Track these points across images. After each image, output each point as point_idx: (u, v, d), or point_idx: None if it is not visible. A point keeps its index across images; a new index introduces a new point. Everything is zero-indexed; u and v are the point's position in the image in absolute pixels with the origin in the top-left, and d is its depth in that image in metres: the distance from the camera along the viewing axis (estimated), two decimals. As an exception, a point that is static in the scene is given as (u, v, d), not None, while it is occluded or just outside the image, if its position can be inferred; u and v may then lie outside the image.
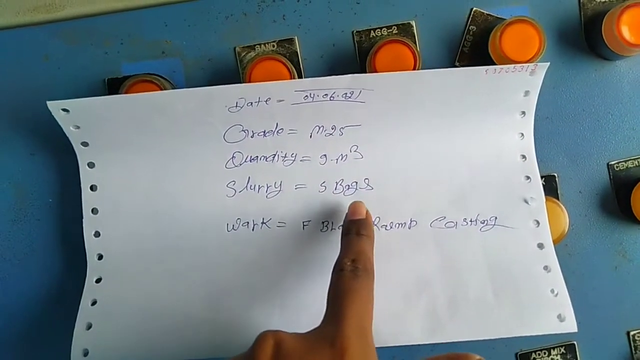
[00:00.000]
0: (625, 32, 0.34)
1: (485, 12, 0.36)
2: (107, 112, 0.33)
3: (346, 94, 0.32)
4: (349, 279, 0.28)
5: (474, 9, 0.36)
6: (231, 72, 0.37)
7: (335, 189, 0.34)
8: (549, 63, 0.32)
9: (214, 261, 0.34)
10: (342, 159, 0.34)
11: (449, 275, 0.33)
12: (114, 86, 0.36)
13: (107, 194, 0.34)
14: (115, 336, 0.33)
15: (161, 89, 0.34)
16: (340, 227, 0.34)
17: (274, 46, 0.36)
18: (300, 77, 0.36)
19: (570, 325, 0.32)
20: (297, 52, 0.36)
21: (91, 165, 0.34)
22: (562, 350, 0.36)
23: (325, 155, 0.34)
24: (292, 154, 0.34)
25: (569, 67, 0.37)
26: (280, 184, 0.34)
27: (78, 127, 0.33)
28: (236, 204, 0.34)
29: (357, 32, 0.36)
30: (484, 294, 0.33)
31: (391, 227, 0.34)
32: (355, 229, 0.31)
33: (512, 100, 0.33)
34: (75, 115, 0.33)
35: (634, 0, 0.35)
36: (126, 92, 0.34)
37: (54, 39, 0.37)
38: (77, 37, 0.37)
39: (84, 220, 0.34)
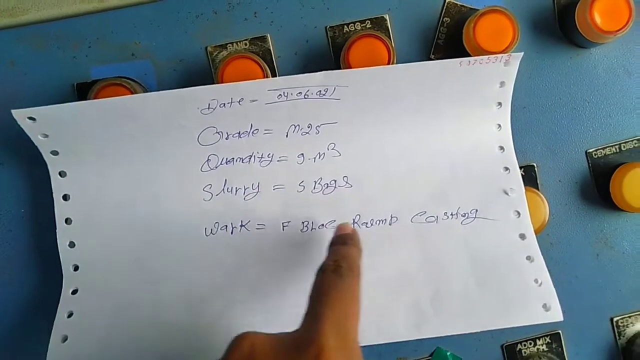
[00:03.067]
0: (598, 19, 0.34)
1: (459, 3, 0.36)
2: (75, 119, 0.32)
3: (320, 91, 0.32)
4: (330, 278, 0.26)
5: (448, 0, 0.36)
6: (204, 72, 0.36)
7: (314, 188, 0.34)
8: (522, 53, 0.32)
9: (193, 267, 0.33)
10: (319, 157, 0.34)
11: (432, 270, 0.33)
12: (83, 91, 0.35)
13: (81, 203, 0.33)
14: (92, 348, 0.32)
15: (131, 93, 0.33)
16: (321, 227, 0.33)
17: (246, 44, 0.36)
18: (274, 75, 0.35)
19: (555, 315, 0.32)
20: (270, 50, 0.36)
21: (63, 174, 0.33)
22: (548, 339, 0.36)
23: (302, 154, 0.34)
24: (269, 154, 0.33)
25: (544, 56, 0.37)
26: (258, 186, 0.33)
27: (46, 136, 0.32)
28: (213, 208, 0.33)
29: (330, 27, 0.36)
30: (468, 288, 0.32)
31: (372, 224, 0.33)
32: (341, 240, 0.30)
33: (488, 91, 0.33)
34: (42, 124, 0.32)
35: (606, -14, 0.35)
36: (95, 97, 0.33)
37: (19, 43, 0.36)
38: (43, 42, 0.36)
39: (57, 231, 0.33)
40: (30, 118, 0.31)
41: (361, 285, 0.27)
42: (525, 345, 0.36)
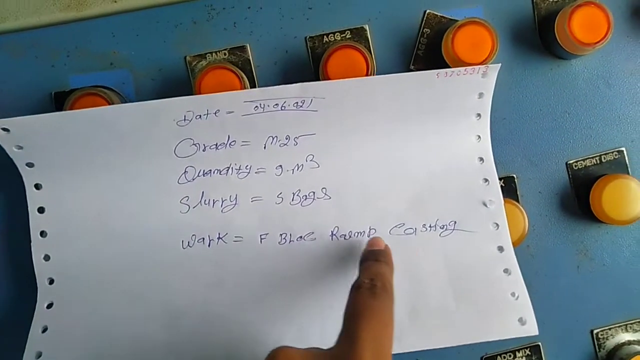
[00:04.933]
0: (577, 31, 0.34)
1: (438, 14, 0.36)
2: (50, 130, 0.31)
3: (297, 102, 0.32)
4: (367, 296, 0.26)
5: (428, 11, 0.36)
6: (182, 82, 0.36)
7: (293, 199, 0.34)
8: (500, 64, 0.32)
9: (170, 280, 0.33)
10: (298, 169, 0.33)
11: (410, 283, 0.33)
12: (61, 100, 0.35)
13: (56, 216, 0.33)
14: (67, 362, 0.32)
15: (108, 102, 0.33)
16: (299, 239, 0.33)
17: (225, 54, 0.36)
18: (253, 85, 0.35)
19: (531, 329, 0.32)
20: (249, 60, 0.36)
21: (38, 186, 0.33)
22: (527, 351, 0.36)
23: (280, 165, 0.33)
24: (247, 166, 0.33)
25: (524, 67, 0.36)
26: (236, 198, 0.33)
27: (21, 147, 0.32)
28: (191, 220, 0.33)
29: (310, 37, 0.36)
30: (445, 301, 0.32)
31: (350, 237, 0.33)
32: (373, 257, 0.30)
33: (467, 102, 0.33)
34: (16, 135, 0.31)
35: (584, -1, 0.35)
36: (71, 107, 0.33)
37: (-4, 52, 0.35)
38: (21, 50, 0.36)
39: (32, 243, 0.33)
40: (4, 129, 0.31)
41: (393, 303, 0.27)
42: (505, 357, 0.36)
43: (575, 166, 0.37)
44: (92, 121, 0.31)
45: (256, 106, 0.31)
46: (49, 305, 0.33)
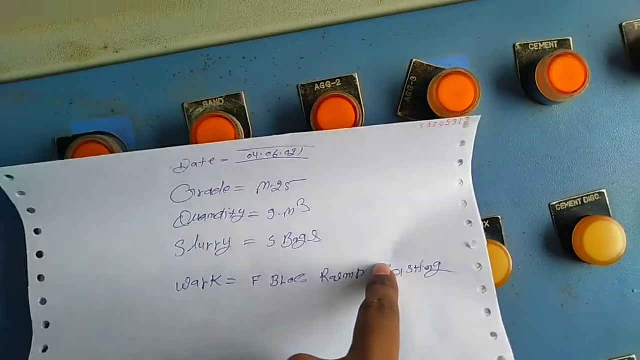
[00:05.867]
0: (556, 81, 0.35)
1: (425, 62, 0.38)
2: (52, 178, 0.33)
3: (288, 151, 0.33)
4: (376, 315, 0.29)
5: (414, 60, 0.38)
6: (180, 128, 0.37)
7: (284, 242, 0.35)
8: (480, 116, 0.34)
9: (165, 322, 0.34)
10: (289, 212, 0.35)
11: (397, 323, 0.34)
12: (63, 146, 0.37)
13: (54, 260, 0.34)
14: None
15: (109, 150, 0.34)
16: (290, 281, 0.34)
17: (221, 101, 0.37)
18: (247, 130, 0.37)
19: None
20: (244, 107, 0.37)
21: (38, 231, 0.34)
22: (514, 390, 0.37)
23: (272, 209, 0.35)
24: (240, 210, 0.35)
25: (507, 113, 0.38)
26: (229, 241, 0.34)
27: (23, 193, 0.33)
28: (185, 263, 0.34)
29: (301, 85, 0.37)
30: (430, 340, 0.33)
31: (339, 278, 0.34)
32: (380, 280, 0.32)
33: (449, 150, 0.34)
34: (19, 182, 0.33)
35: (563, 50, 0.36)
36: (73, 154, 0.34)
37: (1, 99, 0.37)
38: (25, 97, 0.37)
39: (29, 287, 0.34)
40: (8, 176, 0.33)
41: (399, 324, 0.29)
42: (491, 395, 0.37)
43: (558, 207, 0.38)
44: (92, 169, 0.33)
45: (249, 154, 0.33)
46: (44, 349, 0.33)
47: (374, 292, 0.31)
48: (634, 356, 0.37)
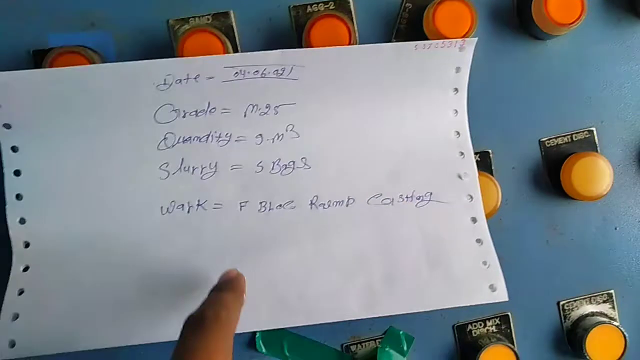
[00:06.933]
0: (553, 12, 0.35)
1: (420, -11, 0.37)
2: (30, 89, 0.31)
3: (277, 70, 0.32)
4: (190, 332, 0.25)
5: (410, -14, 0.36)
6: (164, 45, 0.35)
7: (272, 168, 0.34)
8: (476, 39, 0.33)
9: (148, 246, 0.33)
10: (278, 138, 0.34)
11: (386, 251, 0.33)
12: (40, 58, 0.34)
13: (33, 179, 0.33)
14: (44, 326, 0.31)
15: (89, 61, 0.32)
16: (279, 207, 0.34)
17: (208, 19, 0.35)
18: (235, 51, 0.35)
19: (501, 295, 0.33)
20: (232, 26, 0.35)
21: (15, 149, 0.33)
22: (497, 321, 0.37)
23: (261, 134, 0.34)
24: (227, 134, 0.33)
25: (501, 47, 0.37)
26: (216, 165, 0.33)
27: (-1, 107, 0.31)
28: (170, 186, 0.33)
29: (293, 7, 0.36)
30: (419, 268, 0.33)
31: (329, 206, 0.34)
32: (217, 287, 0.29)
33: (444, 76, 0.34)
34: (-6, 93, 0.31)
35: (561, -21, 0.36)
36: (51, 64, 0.32)
37: (-28, 5, 0.34)
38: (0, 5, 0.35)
39: (7, 206, 0.32)
40: (-18, 86, 0.31)
41: (230, 334, 0.26)
42: (475, 326, 0.37)
43: (548, 144, 0.38)
44: (73, 80, 0.31)
45: (236, 72, 0.32)
46: (25, 269, 0.32)
47: (204, 301, 0.27)
48: (612, 291, 0.38)
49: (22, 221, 0.33)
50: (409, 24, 0.36)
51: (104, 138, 0.33)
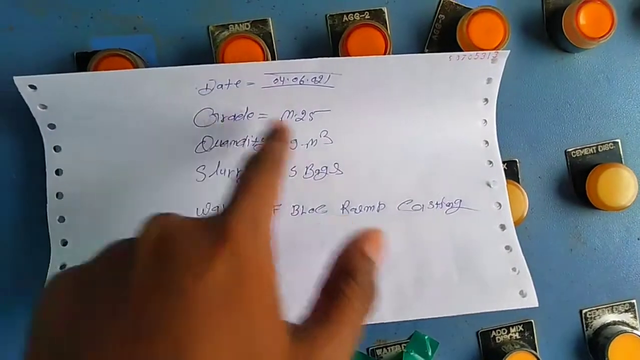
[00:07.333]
0: (583, 25, 0.36)
1: (454, 1, 0.37)
2: (75, 91, 0.32)
3: (315, 78, 0.33)
4: (249, 170, 0.26)
5: (443, -2, 0.37)
6: (204, 51, 0.36)
7: (306, 173, 0.35)
8: (509, 51, 0.33)
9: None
10: (312, 143, 0.34)
11: (416, 256, 0.34)
12: (83, 61, 0.35)
13: (73, 179, 0.33)
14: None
15: (133, 65, 0.33)
16: (311, 211, 0.34)
17: (247, 26, 0.36)
18: (273, 58, 0.36)
19: (531, 301, 0.34)
20: (270, 34, 0.36)
21: (57, 148, 0.33)
22: (520, 327, 0.38)
23: (295, 140, 0.34)
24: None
25: (531, 58, 0.38)
26: (251, 168, 0.34)
27: (45, 107, 0.32)
28: (206, 189, 0.34)
29: (330, 15, 0.37)
30: (449, 274, 0.34)
31: (360, 211, 0.34)
32: (267, 135, 0.29)
33: (475, 87, 0.34)
34: (42, 93, 0.31)
35: (591, -5, 0.36)
36: (96, 67, 0.33)
37: (19, 8, 0.35)
38: (44, 8, 0.35)
39: (48, 205, 0.33)
40: (32, 86, 0.31)
41: (282, 177, 0.26)
42: (499, 332, 0.38)
43: (574, 154, 0.39)
44: (117, 84, 0.32)
45: (276, 79, 0.32)
46: (62, 266, 0.33)
47: (257, 147, 0.28)
48: (634, 301, 0.39)
49: (62, 219, 0.33)
50: (441, 35, 0.37)
51: (144, 140, 0.33)
